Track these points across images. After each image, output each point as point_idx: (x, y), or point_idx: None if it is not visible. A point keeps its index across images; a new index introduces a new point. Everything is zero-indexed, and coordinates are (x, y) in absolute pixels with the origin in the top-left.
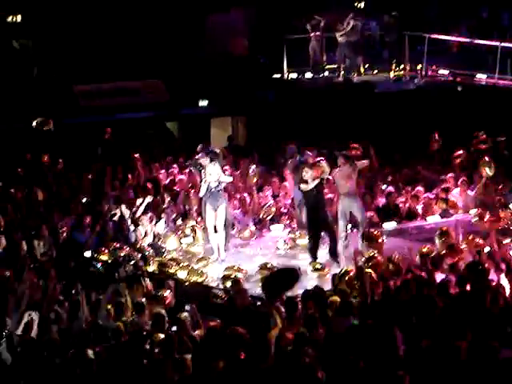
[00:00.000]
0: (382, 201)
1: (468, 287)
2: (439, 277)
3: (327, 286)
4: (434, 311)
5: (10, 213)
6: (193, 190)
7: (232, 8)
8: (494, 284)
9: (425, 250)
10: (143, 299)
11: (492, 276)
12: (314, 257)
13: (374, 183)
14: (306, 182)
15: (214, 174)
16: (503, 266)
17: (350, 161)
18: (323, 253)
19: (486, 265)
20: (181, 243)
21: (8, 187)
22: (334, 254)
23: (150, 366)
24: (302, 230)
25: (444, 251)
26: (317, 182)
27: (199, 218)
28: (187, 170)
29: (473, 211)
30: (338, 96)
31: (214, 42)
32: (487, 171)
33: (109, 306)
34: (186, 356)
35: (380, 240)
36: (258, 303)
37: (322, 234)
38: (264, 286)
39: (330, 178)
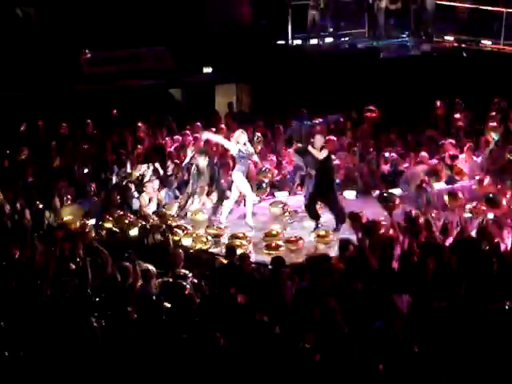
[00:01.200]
0: (386, 168)
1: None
2: None
3: (332, 253)
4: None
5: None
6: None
7: None
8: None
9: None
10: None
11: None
12: (317, 224)
13: (380, 150)
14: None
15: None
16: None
17: None
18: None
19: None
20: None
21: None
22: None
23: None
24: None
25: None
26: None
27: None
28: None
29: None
30: (343, 62)
31: (217, 9)
32: (494, 136)
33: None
34: None
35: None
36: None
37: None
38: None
39: None
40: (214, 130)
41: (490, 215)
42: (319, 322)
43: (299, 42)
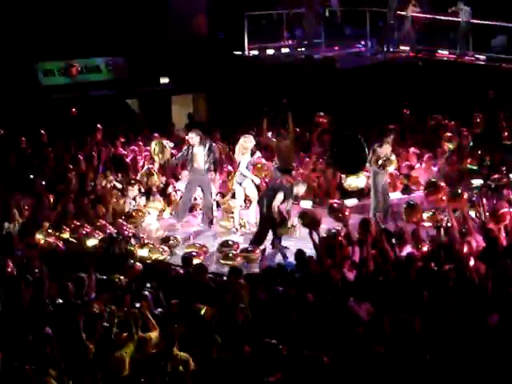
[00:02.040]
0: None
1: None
2: None
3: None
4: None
5: None
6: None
7: None
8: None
9: None
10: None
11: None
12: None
13: None
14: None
15: None
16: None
17: None
18: None
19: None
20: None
21: None
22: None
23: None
24: None
25: None
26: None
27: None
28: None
29: None
30: (300, 72)
31: (175, 19)
32: (449, 146)
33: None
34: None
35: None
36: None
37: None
38: None
39: None
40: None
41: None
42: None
43: (255, 52)
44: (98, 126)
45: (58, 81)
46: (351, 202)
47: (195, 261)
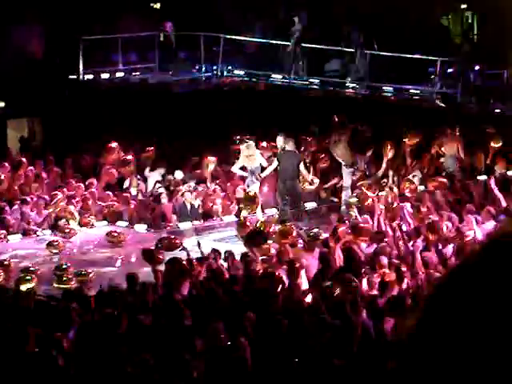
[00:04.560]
0: (180, 200)
1: None
2: None
3: None
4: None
5: None
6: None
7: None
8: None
9: None
10: None
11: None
12: None
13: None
14: None
15: None
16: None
17: None
18: None
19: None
20: None
21: None
22: None
23: None
24: None
25: None
26: None
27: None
28: None
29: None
30: (135, 96)
31: (9, 43)
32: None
33: None
34: None
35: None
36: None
37: None
38: None
39: None
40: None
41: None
42: None
43: (90, 76)
44: None
45: None
46: (186, 225)
47: (27, 285)
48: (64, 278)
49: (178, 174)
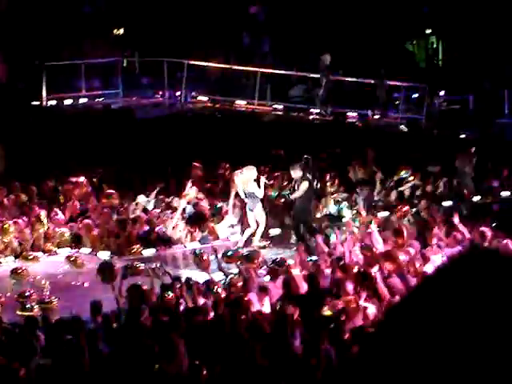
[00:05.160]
0: (143, 228)
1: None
2: None
3: None
4: None
5: None
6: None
7: None
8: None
9: None
10: None
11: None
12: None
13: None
14: None
15: None
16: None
17: None
18: None
19: None
20: None
21: None
22: None
23: None
24: None
25: None
26: None
27: None
28: None
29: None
30: (98, 122)
31: None
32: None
33: None
34: None
35: None
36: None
37: None
38: None
39: None
40: None
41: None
42: None
43: (53, 102)
44: None
45: None
46: (149, 252)
47: None
48: (27, 306)
49: (141, 199)
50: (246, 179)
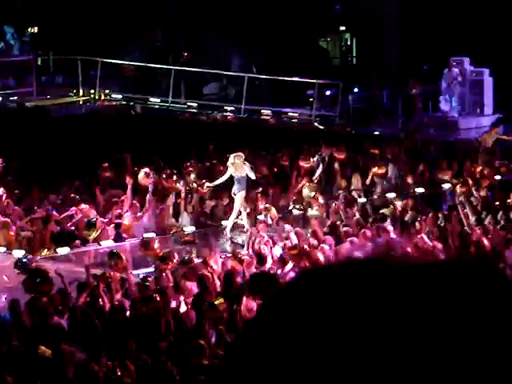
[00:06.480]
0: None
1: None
2: None
3: None
4: None
5: None
6: None
7: None
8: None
9: None
10: None
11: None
12: None
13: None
14: None
15: None
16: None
17: None
18: None
19: None
20: None
21: None
22: None
23: None
24: None
25: None
26: None
27: None
28: None
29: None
30: (12, 120)
31: None
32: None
33: None
34: None
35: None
36: None
37: None
38: None
39: None
40: None
41: None
42: None
43: None
44: None
45: None
46: (64, 250)
47: None
48: None
49: (53, 198)
50: (238, 165)
